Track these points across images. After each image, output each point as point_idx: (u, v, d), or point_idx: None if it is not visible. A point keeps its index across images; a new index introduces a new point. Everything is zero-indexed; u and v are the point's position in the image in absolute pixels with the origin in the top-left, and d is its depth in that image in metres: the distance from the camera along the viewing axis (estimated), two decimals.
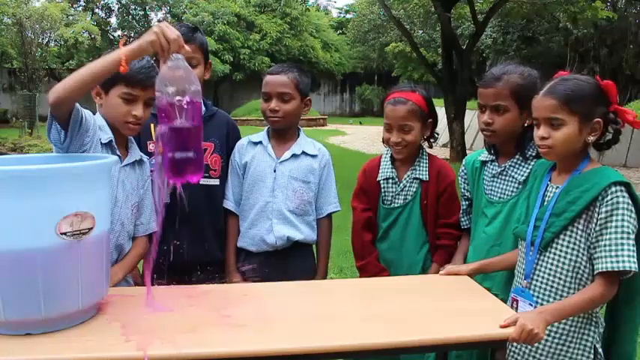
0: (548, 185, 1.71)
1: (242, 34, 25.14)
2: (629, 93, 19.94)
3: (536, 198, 1.72)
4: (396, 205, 2.14)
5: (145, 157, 2.00)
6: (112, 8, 26.32)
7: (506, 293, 1.82)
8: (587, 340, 1.63)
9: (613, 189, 1.54)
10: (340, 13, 36.38)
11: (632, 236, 1.53)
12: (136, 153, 1.93)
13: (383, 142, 2.16)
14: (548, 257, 1.66)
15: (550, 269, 1.66)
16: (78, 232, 1.32)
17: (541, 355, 1.65)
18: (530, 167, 1.88)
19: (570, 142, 1.59)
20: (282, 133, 2.23)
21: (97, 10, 25.97)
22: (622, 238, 1.51)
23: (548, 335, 1.63)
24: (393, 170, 2.16)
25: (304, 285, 1.84)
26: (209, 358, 1.27)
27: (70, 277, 1.34)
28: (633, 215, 1.54)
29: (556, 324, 1.62)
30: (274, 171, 2.17)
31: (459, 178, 2.14)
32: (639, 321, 1.65)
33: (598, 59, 20.46)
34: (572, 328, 1.63)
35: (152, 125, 2.16)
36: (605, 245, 1.53)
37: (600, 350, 1.64)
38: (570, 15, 12.73)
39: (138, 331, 1.35)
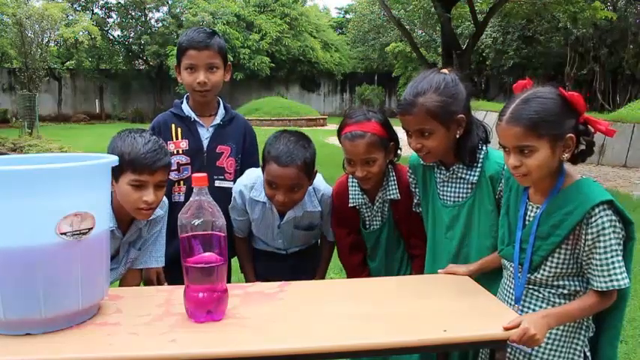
0: (527, 204, 1.67)
1: (242, 34, 25.10)
2: (629, 93, 19.95)
3: (516, 216, 1.68)
4: (375, 227, 2.12)
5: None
6: (112, 8, 26.30)
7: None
8: (577, 344, 1.63)
9: (597, 210, 1.50)
10: (340, 13, 36.44)
11: (620, 252, 1.52)
12: (134, 230, 1.92)
13: (347, 172, 2.04)
14: (538, 279, 1.65)
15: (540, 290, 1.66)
16: (78, 232, 1.32)
17: (535, 358, 1.65)
18: (478, 169, 1.83)
19: (545, 166, 1.53)
20: None
21: (96, 10, 25.95)
22: (612, 257, 1.51)
23: None
24: (364, 196, 2.08)
25: (304, 285, 1.83)
26: (209, 358, 1.27)
27: (70, 277, 1.34)
28: (618, 230, 1.52)
29: None
30: (278, 227, 2.13)
31: (410, 183, 2.04)
32: (620, 326, 1.66)
33: (598, 59, 20.46)
34: (565, 333, 1.63)
35: (173, 125, 2.23)
36: (596, 266, 1.52)
37: (589, 354, 1.64)
38: (570, 15, 12.73)
39: (137, 331, 1.35)
